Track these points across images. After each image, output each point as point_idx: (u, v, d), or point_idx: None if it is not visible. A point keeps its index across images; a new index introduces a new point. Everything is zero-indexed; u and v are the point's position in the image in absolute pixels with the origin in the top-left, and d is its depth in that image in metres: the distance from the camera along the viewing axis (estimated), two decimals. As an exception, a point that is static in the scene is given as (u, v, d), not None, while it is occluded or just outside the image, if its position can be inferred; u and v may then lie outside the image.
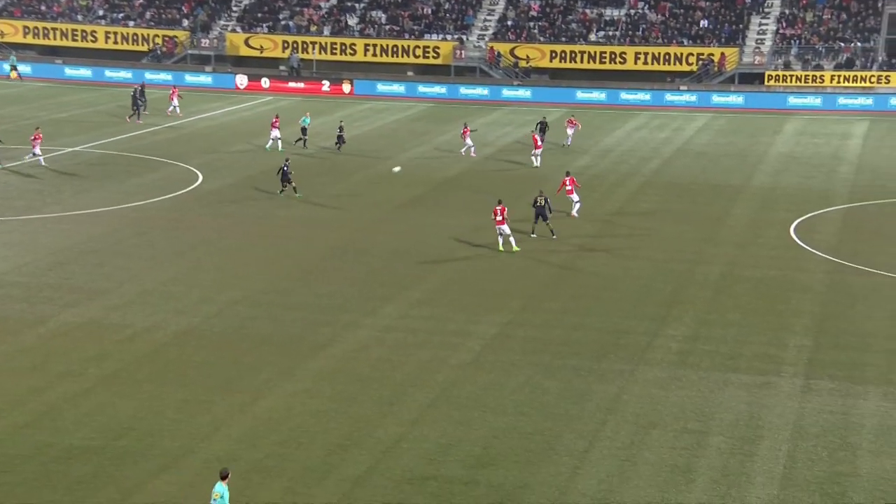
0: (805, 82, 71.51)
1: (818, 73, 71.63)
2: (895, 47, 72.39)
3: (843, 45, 73.62)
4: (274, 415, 24.94)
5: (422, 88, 76.74)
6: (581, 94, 73.74)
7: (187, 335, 29.86)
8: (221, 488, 19.08)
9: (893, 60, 71.78)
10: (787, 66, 73.28)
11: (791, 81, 71.87)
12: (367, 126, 64.72)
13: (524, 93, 75.17)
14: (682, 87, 73.18)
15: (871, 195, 46.13)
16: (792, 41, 74.83)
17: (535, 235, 39.09)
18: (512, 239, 37.28)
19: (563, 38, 78.81)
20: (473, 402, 25.78)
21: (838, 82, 70.84)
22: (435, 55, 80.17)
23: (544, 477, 22.19)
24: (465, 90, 76.13)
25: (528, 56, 78.21)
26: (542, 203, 39.07)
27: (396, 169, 31.29)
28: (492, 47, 78.94)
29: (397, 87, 77.46)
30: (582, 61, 76.84)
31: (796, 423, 24.45)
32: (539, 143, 52.27)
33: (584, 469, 22.52)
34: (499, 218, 37.00)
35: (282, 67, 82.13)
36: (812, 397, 25.81)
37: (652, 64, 75.52)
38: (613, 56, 76.15)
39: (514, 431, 24.22)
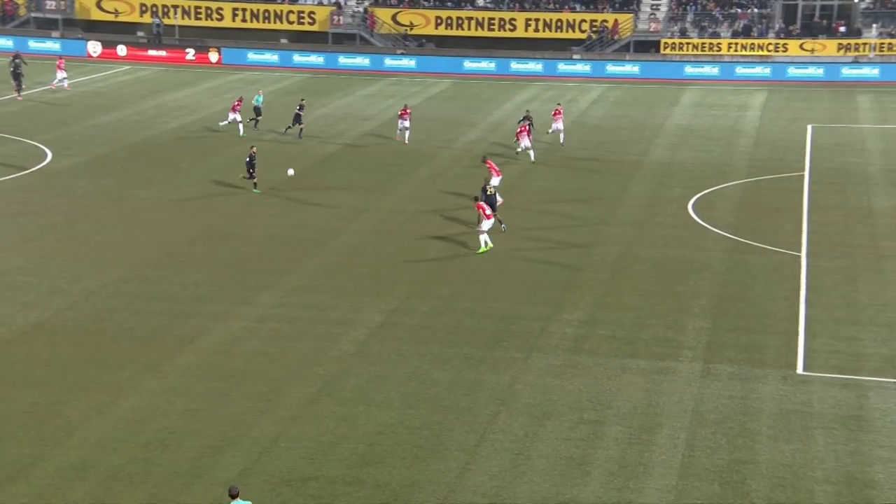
0: (702, 50, 73.20)
1: (715, 41, 73.39)
2: (792, 13, 74.59)
3: (739, 10, 75.56)
4: (137, 416, 24.56)
5: (297, 58, 76.08)
6: (469, 64, 74.10)
7: (37, 330, 29.16)
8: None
9: (790, 27, 73.94)
10: (683, 33, 74.90)
11: (688, 49, 73.47)
12: (234, 100, 63.88)
13: (408, 62, 75.17)
14: (575, 56, 74.14)
15: (769, 169, 47.53)
16: (688, 7, 76.49)
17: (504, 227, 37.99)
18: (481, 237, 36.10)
19: (449, 3, 79.00)
20: (357, 397, 25.81)
21: (735, 50, 72.73)
22: (310, 21, 79.56)
23: (433, 474, 22.38)
24: (343, 59, 75.75)
25: (411, 23, 78.22)
26: (492, 192, 38.34)
27: (290, 172, 30.12)
28: (372, 13, 78.67)
29: (270, 56, 76.66)
30: (469, 28, 77.13)
31: (695, 409, 25.15)
32: (528, 133, 48.54)
33: (476, 464, 22.78)
34: (488, 212, 35.98)
35: (140, 34, 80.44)
36: (711, 382, 26.57)
37: (543, 31, 76.26)
38: (503, 23, 76.66)
39: (400, 426, 24.35)
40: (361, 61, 75.62)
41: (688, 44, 73.72)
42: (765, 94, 65.77)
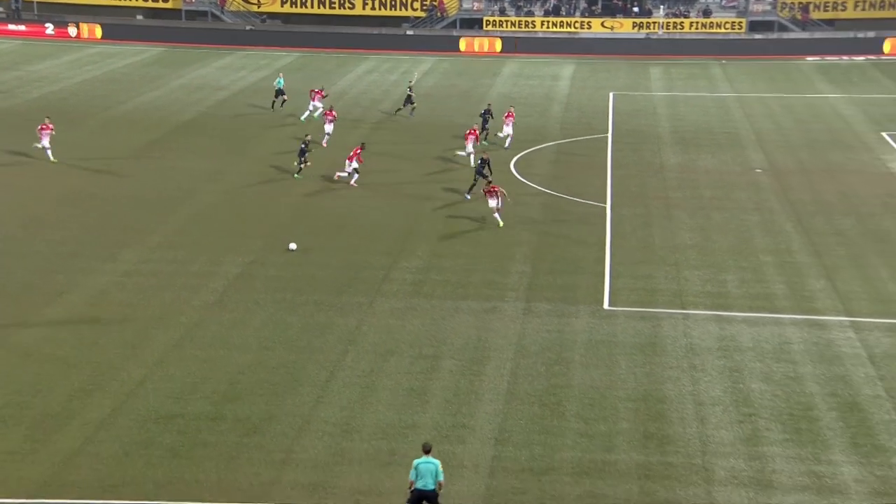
0: (519, 27, 73.94)
1: (530, 19, 74.23)
2: (595, -5, 76.07)
3: (550, -9, 76.56)
4: (8, 366, 23.58)
5: (153, 32, 73.35)
6: (313, 38, 72.95)
7: (-87, 289, 27.63)
8: (433, 463, 18.06)
9: (593, 7, 75.34)
10: (502, 11, 75.43)
11: (507, 27, 74.10)
12: (96, 71, 61.44)
13: (257, 37, 73.46)
14: (408, 32, 73.86)
15: (578, 132, 48.48)
16: (507, -12, 77.03)
17: (469, 196, 36.83)
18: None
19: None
20: (218, 341, 25.39)
21: (547, 27, 73.74)
22: (165, -1, 77.02)
23: (289, 407, 22.25)
24: (198, 34, 73.48)
25: (259, 1, 76.46)
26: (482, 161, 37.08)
27: (292, 246, 28.81)
28: (223, -8, 76.49)
29: (127, 31, 73.70)
30: (313, 6, 76.03)
31: (518, 343, 25.65)
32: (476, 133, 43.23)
33: (327, 397, 22.74)
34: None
35: None
36: (532, 319, 27.12)
37: (379, 9, 75.77)
38: (343, 1, 75.86)
39: (259, 366, 24.08)
40: (214, 35, 73.46)
41: (507, 21, 74.33)
42: (573, 66, 66.92)
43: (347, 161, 38.43)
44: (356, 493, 19.37)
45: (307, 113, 48.78)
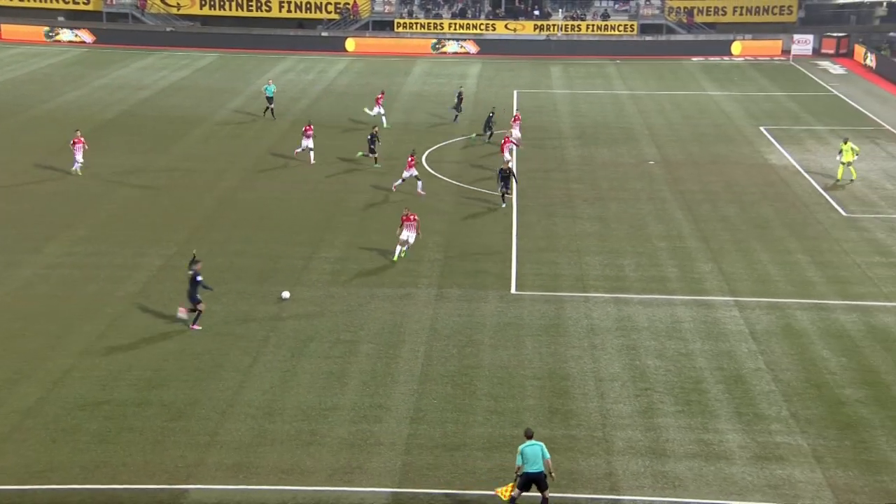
0: (428, 29, 73.83)
1: (438, 21, 74.19)
2: (498, -1, 76.37)
3: (456, -4, 76.63)
4: (-62, 358, 22.72)
5: (75, 32, 71.28)
6: (232, 39, 71.75)
7: None
8: (538, 445, 17.72)
9: (497, 10, 75.60)
10: (411, 14, 75.20)
11: (416, 28, 73.91)
12: (18, 71, 59.49)
13: (177, 38, 71.95)
14: (323, 34, 73.13)
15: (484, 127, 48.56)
16: (416, -8, 76.84)
17: (504, 205, 35.03)
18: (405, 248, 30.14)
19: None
20: (143, 330, 24.82)
21: (454, 29, 73.78)
22: (86, 1, 74.78)
23: (213, 392, 21.89)
24: (119, 36, 71.68)
25: (178, 3, 74.86)
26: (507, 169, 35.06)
27: (285, 295, 27.83)
28: (143, -6, 74.71)
29: (50, 32, 71.47)
30: (231, 9, 74.76)
31: (431, 326, 25.64)
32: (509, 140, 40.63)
33: (250, 382, 22.43)
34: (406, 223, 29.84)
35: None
36: (444, 304, 27.13)
37: (295, 12, 74.87)
38: (259, 4, 74.77)
39: (183, 354, 23.62)
40: (136, 37, 71.73)
41: (416, 23, 74.14)
42: (479, 65, 67.09)
43: (405, 170, 36.14)
44: (279, 473, 19.15)
45: (375, 113, 47.17)
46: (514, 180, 35.74)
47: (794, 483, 19.09)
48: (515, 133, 42.96)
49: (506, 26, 73.46)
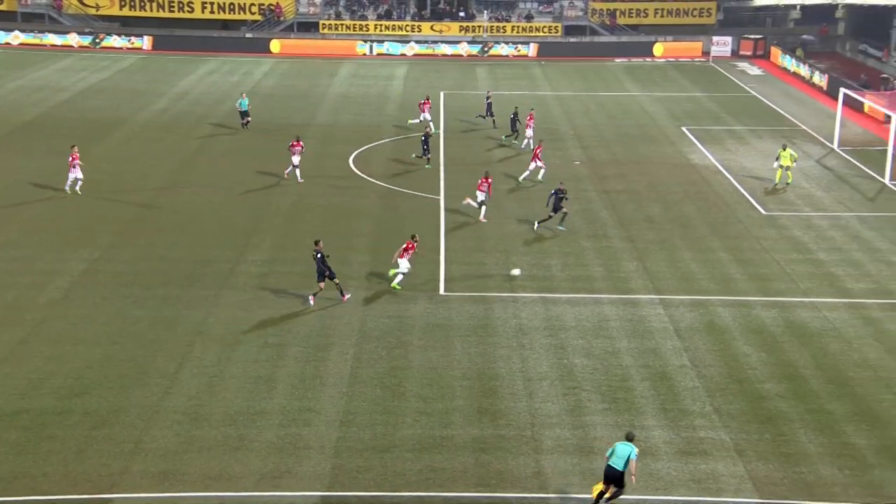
0: (354, 30, 73.58)
1: (364, 23, 73.98)
2: (423, 1, 76.18)
3: (382, -3, 76.50)
4: None
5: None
6: (155, 40, 70.54)
7: None
8: (630, 447, 17.89)
9: (423, 12, 75.68)
10: (337, 15, 74.86)
11: (342, 30, 73.62)
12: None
13: (25, 38, 70.01)
14: (247, 35, 72.38)
15: (413, 129, 48.55)
16: (342, -6, 76.49)
17: (562, 228, 33.47)
18: (400, 276, 28.42)
19: (133, -13, 74.62)
20: (65, 337, 24.29)
21: (380, 30, 73.66)
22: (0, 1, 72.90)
23: (138, 399, 21.53)
24: (34, 36, 69.88)
25: (97, 4, 73.34)
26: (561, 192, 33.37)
27: (516, 272, 27.08)
28: (60, -6, 73.03)
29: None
30: (152, 10, 73.44)
31: (360, 328, 25.56)
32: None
33: (176, 388, 22.10)
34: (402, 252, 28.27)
35: None
36: (373, 305, 27.07)
37: (218, 13, 73.91)
38: (182, 5, 73.60)
39: (107, 360, 23.18)
40: (52, 37, 70.02)
41: (342, 24, 73.83)
42: (406, 67, 67.08)
43: (478, 191, 34.08)
44: (206, 479, 18.91)
45: (418, 121, 46.30)
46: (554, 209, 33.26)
47: (718, 477, 19.51)
48: (528, 132, 43.65)
49: (431, 28, 73.59)
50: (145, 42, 70.11)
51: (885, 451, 20.37)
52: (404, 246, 28.11)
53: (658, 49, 71.56)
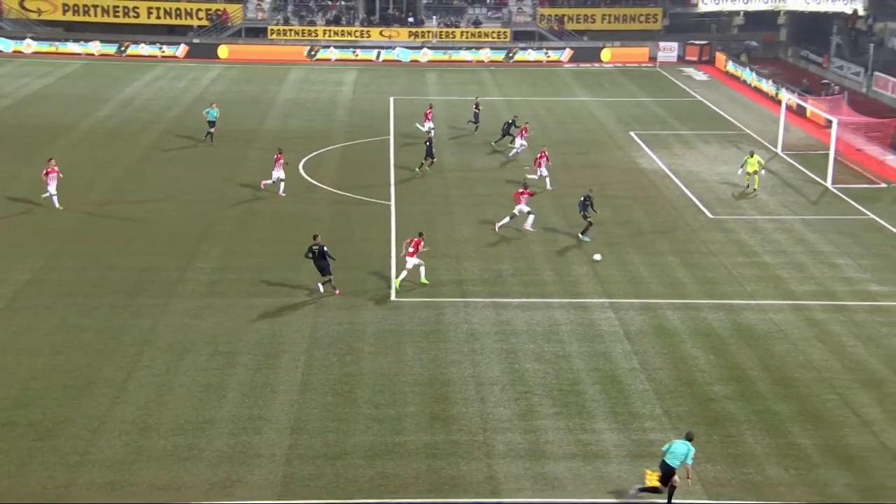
0: (302, 35, 73.30)
1: (312, 28, 73.73)
2: (372, 5, 76.12)
3: (331, 2, 76.21)
4: None
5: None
6: (98, 46, 69.61)
7: None
8: (687, 445, 18.34)
9: (371, 17, 75.65)
10: (286, 21, 74.55)
11: (290, 35, 73.30)
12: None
13: (39, 46, 69.29)
14: (195, 41, 71.73)
15: (362, 134, 48.56)
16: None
17: (587, 238, 33.37)
18: (422, 269, 28.95)
19: (77, -9, 73.60)
20: (8, 347, 23.87)
21: (329, 36, 73.47)
22: (-61, 5, 71.48)
23: (85, 409, 21.22)
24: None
25: (38, 9, 72.20)
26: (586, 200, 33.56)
27: (597, 257, 27.70)
28: (2, -2, 71.78)
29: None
30: (96, 15, 72.47)
31: (311, 335, 25.46)
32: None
33: (124, 398, 21.82)
34: (409, 250, 28.65)
35: None
36: (324, 312, 26.97)
37: (164, 18, 73.17)
38: (127, 10, 72.74)
39: (52, 370, 22.81)
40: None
41: (290, 30, 73.51)
42: (355, 72, 66.97)
43: (521, 204, 33.67)
44: (154, 489, 18.70)
45: (427, 129, 45.26)
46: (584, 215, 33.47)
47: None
48: (519, 141, 43.61)
49: (381, 33, 73.57)
50: (179, 50, 69.06)
51: (828, 450, 20.76)
52: (410, 244, 28.57)
53: (606, 55, 72.30)
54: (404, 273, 28.61)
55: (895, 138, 43.88)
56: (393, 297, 28.15)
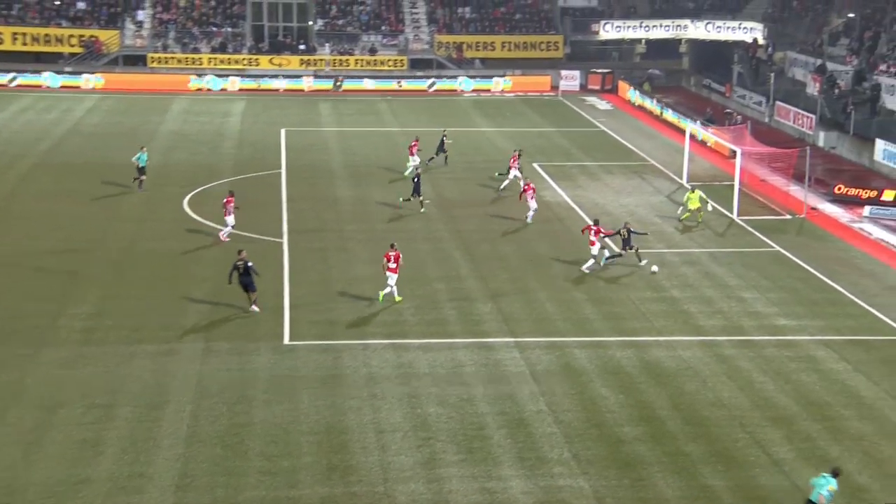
0: (186, 63, 72.45)
1: (196, 56, 72.98)
2: (260, 32, 75.89)
3: (215, 29, 75.63)
4: None
5: None
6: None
7: None
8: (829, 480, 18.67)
9: (260, 45, 75.32)
10: (166, 48, 73.63)
11: (172, 63, 72.39)
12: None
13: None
14: (66, 69, 70.14)
15: (252, 168, 48.11)
16: (168, 25, 75.21)
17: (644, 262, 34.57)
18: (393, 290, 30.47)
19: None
20: None
21: (215, 64, 72.80)
22: None
23: (-55, 474, 20.25)
24: None
25: None
26: (626, 234, 34.73)
27: (654, 269, 30.29)
28: None
29: None
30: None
31: (198, 384, 24.93)
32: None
33: (-11, 459, 20.93)
34: (391, 266, 30.12)
35: None
36: (212, 358, 26.47)
37: (32, 44, 71.40)
38: (-7, 35, 70.80)
39: None
40: None
41: (172, 58, 72.59)
42: (244, 102, 66.44)
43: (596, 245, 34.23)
44: (25, 560, 17.92)
45: (410, 168, 45.38)
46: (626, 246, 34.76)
47: (579, 525, 19.83)
48: (512, 173, 44.43)
49: (270, 61, 73.23)
50: (49, 79, 67.18)
51: (739, 491, 21.20)
52: (390, 260, 30.11)
53: (506, 83, 73.41)
54: (388, 289, 30.32)
55: (798, 168, 45.54)
56: (286, 341, 27.81)
